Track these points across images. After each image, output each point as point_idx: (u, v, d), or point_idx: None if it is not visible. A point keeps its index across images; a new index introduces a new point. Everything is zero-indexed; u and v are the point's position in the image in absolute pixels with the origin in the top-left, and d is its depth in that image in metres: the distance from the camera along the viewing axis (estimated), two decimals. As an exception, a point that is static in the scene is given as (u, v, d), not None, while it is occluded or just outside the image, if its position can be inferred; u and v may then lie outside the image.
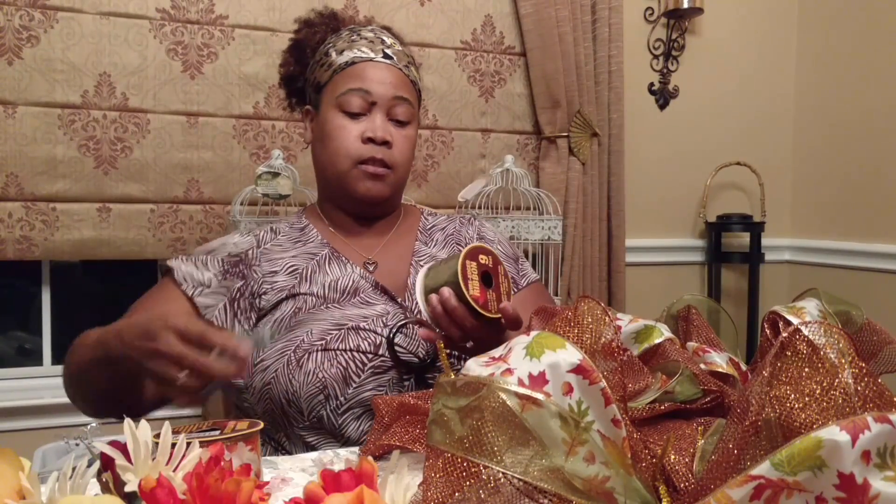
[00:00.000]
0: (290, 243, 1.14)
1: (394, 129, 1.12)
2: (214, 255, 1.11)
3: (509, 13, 2.12)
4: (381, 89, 1.10)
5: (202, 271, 1.08)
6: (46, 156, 1.72)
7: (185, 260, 1.09)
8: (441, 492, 0.52)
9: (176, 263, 1.08)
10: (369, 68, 1.11)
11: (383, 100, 1.10)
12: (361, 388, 0.98)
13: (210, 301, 1.06)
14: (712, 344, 0.88)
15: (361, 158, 1.10)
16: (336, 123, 1.11)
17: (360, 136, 1.10)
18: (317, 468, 0.74)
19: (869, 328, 0.88)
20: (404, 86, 1.13)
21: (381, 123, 1.10)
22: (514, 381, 0.54)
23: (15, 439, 1.77)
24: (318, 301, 1.05)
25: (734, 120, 2.48)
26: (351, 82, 1.11)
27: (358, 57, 1.12)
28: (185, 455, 0.58)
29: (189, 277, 1.06)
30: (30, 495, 0.52)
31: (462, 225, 1.24)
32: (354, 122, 1.10)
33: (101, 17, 1.75)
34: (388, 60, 1.13)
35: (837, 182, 2.39)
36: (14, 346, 1.98)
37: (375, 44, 1.14)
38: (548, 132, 2.13)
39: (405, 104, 1.12)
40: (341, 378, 0.97)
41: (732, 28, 2.45)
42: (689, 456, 0.61)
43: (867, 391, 0.48)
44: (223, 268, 1.09)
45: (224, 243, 1.13)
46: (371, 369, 0.99)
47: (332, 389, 0.97)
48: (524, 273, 1.22)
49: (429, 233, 1.21)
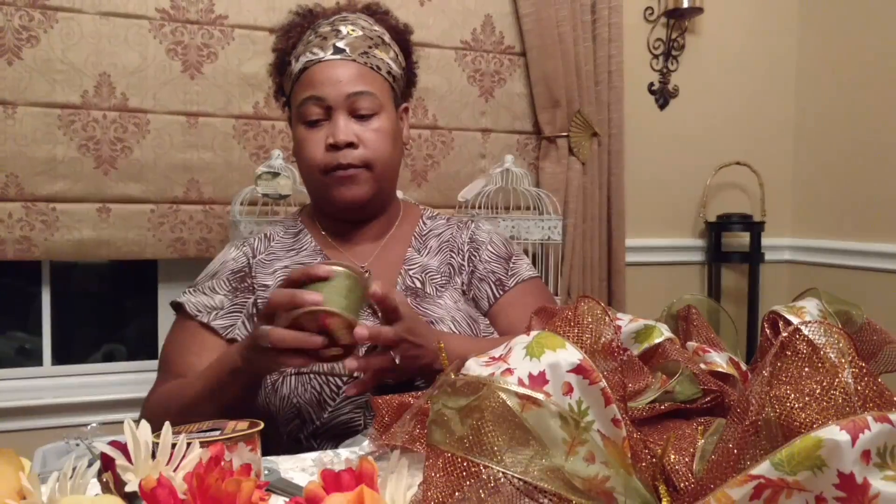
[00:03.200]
0: (283, 252, 1.13)
1: (358, 127, 1.05)
2: (218, 277, 1.10)
3: (509, 13, 2.12)
4: (332, 91, 1.04)
5: (211, 297, 1.07)
6: (46, 156, 1.72)
7: (193, 292, 1.08)
8: (441, 491, 0.52)
9: (185, 299, 1.08)
10: (319, 71, 1.05)
11: (338, 101, 1.04)
12: (337, 412, 0.97)
13: (227, 322, 1.05)
14: (712, 344, 0.88)
15: (329, 166, 1.05)
16: (301, 136, 1.08)
17: (325, 143, 1.05)
18: (317, 468, 0.74)
19: (869, 328, 0.88)
20: (361, 78, 1.06)
21: (342, 126, 1.04)
22: (514, 381, 0.54)
23: (15, 439, 1.77)
24: None
25: (734, 120, 2.48)
26: (305, 91, 1.06)
27: (309, 61, 1.06)
28: (186, 455, 0.58)
29: (201, 307, 1.06)
30: (30, 495, 0.52)
31: (458, 230, 1.20)
32: (316, 129, 1.06)
33: (101, 17, 1.75)
34: (338, 56, 1.06)
35: (837, 182, 2.39)
36: (14, 346, 1.98)
37: (328, 39, 1.07)
38: (548, 132, 2.13)
39: (365, 97, 1.05)
40: (315, 403, 0.96)
41: (732, 28, 2.45)
42: (688, 456, 0.61)
43: (867, 391, 0.48)
44: (231, 286, 1.08)
45: (224, 262, 1.12)
46: (346, 394, 0.96)
47: (306, 415, 0.96)
48: (514, 272, 1.15)
49: (424, 238, 1.17)
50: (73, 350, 2.00)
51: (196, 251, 1.85)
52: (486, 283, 1.14)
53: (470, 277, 1.14)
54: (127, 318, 2.15)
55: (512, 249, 1.21)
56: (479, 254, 1.16)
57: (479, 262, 1.15)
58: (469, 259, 1.16)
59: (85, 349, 2.05)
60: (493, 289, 1.13)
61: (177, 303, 1.08)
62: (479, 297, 1.14)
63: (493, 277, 1.14)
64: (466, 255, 1.16)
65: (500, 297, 1.13)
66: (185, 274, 1.92)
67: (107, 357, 2.05)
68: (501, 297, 1.13)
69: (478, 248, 1.17)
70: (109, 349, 2.07)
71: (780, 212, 2.54)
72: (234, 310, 1.07)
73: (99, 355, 2.05)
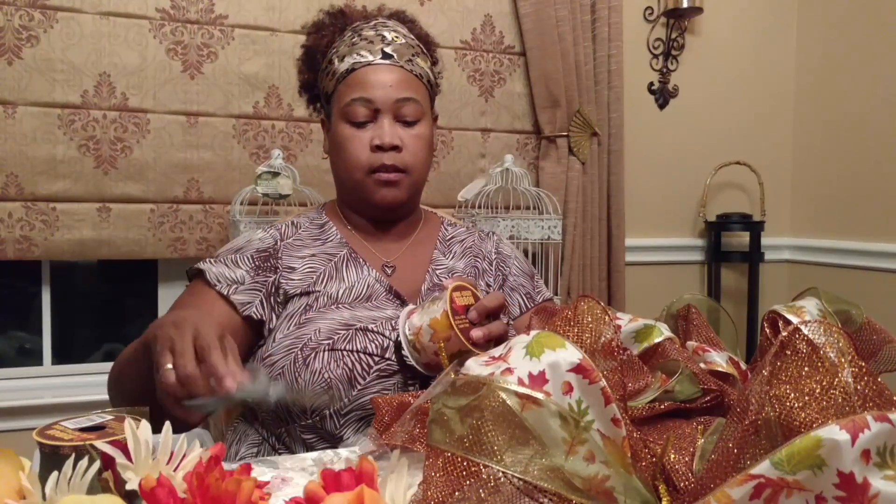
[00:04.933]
0: (309, 239, 1.14)
1: (402, 131, 1.10)
2: (242, 252, 1.10)
3: (509, 13, 2.12)
4: (382, 94, 1.08)
5: (233, 270, 1.06)
6: (46, 156, 1.72)
7: (215, 262, 1.08)
8: (441, 491, 0.52)
9: (206, 266, 1.07)
10: (369, 73, 1.09)
11: (386, 105, 1.09)
12: (366, 391, 0.97)
13: (246, 298, 1.05)
14: (712, 343, 0.88)
15: (373, 167, 1.09)
16: (345, 134, 1.10)
17: (370, 144, 1.09)
18: (317, 468, 0.74)
19: (869, 327, 0.88)
20: (408, 84, 1.11)
21: (388, 128, 1.08)
22: (514, 381, 0.54)
23: (15, 439, 1.77)
24: (329, 301, 1.05)
25: (734, 119, 2.48)
26: (353, 92, 1.09)
27: (357, 62, 1.10)
28: (186, 455, 0.58)
29: (222, 277, 1.05)
30: (30, 495, 0.52)
31: (481, 240, 1.25)
32: (362, 130, 1.10)
33: (101, 17, 1.75)
34: (387, 60, 1.10)
35: (837, 181, 2.39)
36: (14, 346, 1.98)
37: (375, 43, 1.11)
38: (547, 132, 2.13)
39: (411, 103, 1.10)
40: (346, 379, 0.97)
41: (732, 27, 2.45)
42: (688, 455, 0.61)
43: (867, 390, 0.48)
44: (254, 264, 1.08)
45: (250, 240, 1.13)
46: (377, 372, 0.98)
47: (336, 391, 0.97)
48: (539, 290, 1.24)
49: (448, 244, 1.22)
50: (73, 350, 2.00)
51: (196, 251, 1.85)
52: (517, 293, 1.21)
53: (501, 285, 1.21)
54: (127, 318, 2.15)
55: (532, 268, 1.29)
56: (507, 266, 1.24)
57: (509, 275, 1.23)
58: (498, 267, 1.23)
59: (85, 349, 2.05)
60: (524, 300, 1.21)
61: (196, 269, 1.07)
62: (511, 304, 1.20)
63: (524, 290, 1.22)
64: (494, 263, 1.23)
65: (529, 310, 1.20)
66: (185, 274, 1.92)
67: (107, 356, 2.05)
68: (528, 312, 1.20)
69: (505, 261, 1.24)
70: (109, 349, 2.07)
71: (780, 211, 2.54)
72: (254, 287, 1.06)
73: (99, 355, 2.05)
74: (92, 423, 0.62)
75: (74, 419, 0.63)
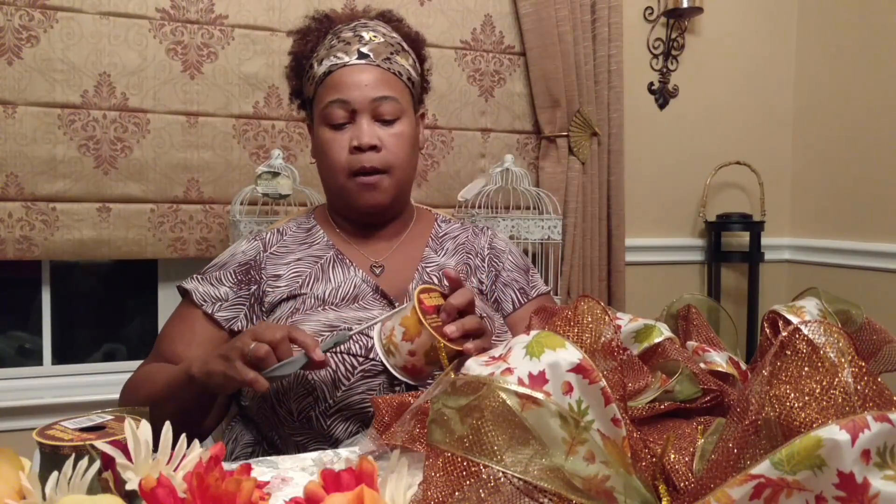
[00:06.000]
0: (295, 244, 1.15)
1: (381, 130, 1.09)
2: (226, 268, 1.12)
3: (509, 13, 2.12)
4: (358, 95, 1.07)
5: (217, 287, 1.10)
6: (46, 156, 1.72)
7: (201, 280, 1.11)
8: (441, 491, 0.52)
9: (192, 286, 1.10)
10: (345, 74, 1.08)
11: (363, 104, 1.08)
12: (351, 392, 0.97)
13: (230, 314, 1.08)
14: (712, 343, 0.88)
15: (353, 169, 1.09)
16: (325, 138, 1.10)
17: (349, 145, 1.08)
18: (317, 468, 0.74)
19: (868, 327, 0.88)
20: (385, 83, 1.09)
21: (366, 128, 1.08)
22: (514, 381, 0.54)
23: (15, 439, 1.77)
24: (316, 302, 1.06)
25: (734, 119, 2.48)
26: (330, 94, 1.09)
27: (334, 64, 1.10)
28: (186, 455, 0.58)
29: (207, 297, 1.09)
30: (30, 495, 0.52)
31: (475, 235, 1.24)
32: (341, 132, 1.09)
33: (101, 17, 1.75)
34: (363, 60, 1.09)
35: (837, 181, 2.39)
36: (14, 346, 1.98)
37: (352, 44, 1.10)
38: (547, 132, 2.13)
39: (388, 101, 1.09)
40: (330, 381, 0.97)
41: (732, 27, 2.45)
42: (688, 455, 0.61)
43: (867, 390, 0.48)
44: (237, 278, 1.10)
45: (234, 254, 1.14)
46: (361, 372, 0.98)
47: (320, 392, 0.97)
48: (534, 284, 1.23)
49: (440, 241, 1.21)
50: (74, 350, 2.00)
51: (196, 251, 1.85)
52: (510, 289, 1.20)
53: (494, 281, 1.20)
54: (127, 318, 2.15)
55: (528, 262, 1.27)
56: (500, 261, 1.22)
57: (502, 270, 1.22)
58: (490, 263, 1.22)
59: (85, 349, 2.05)
60: (518, 295, 1.20)
61: (183, 288, 1.11)
62: (503, 300, 1.20)
63: (517, 285, 1.21)
64: (487, 259, 1.22)
65: (524, 305, 1.19)
66: (185, 273, 1.91)
67: (107, 357, 2.05)
68: (523, 307, 1.19)
69: (498, 256, 1.23)
70: (109, 349, 2.07)
71: (780, 211, 2.54)
72: (237, 302, 1.09)
73: (99, 355, 2.05)
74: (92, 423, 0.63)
75: (74, 419, 0.63)
